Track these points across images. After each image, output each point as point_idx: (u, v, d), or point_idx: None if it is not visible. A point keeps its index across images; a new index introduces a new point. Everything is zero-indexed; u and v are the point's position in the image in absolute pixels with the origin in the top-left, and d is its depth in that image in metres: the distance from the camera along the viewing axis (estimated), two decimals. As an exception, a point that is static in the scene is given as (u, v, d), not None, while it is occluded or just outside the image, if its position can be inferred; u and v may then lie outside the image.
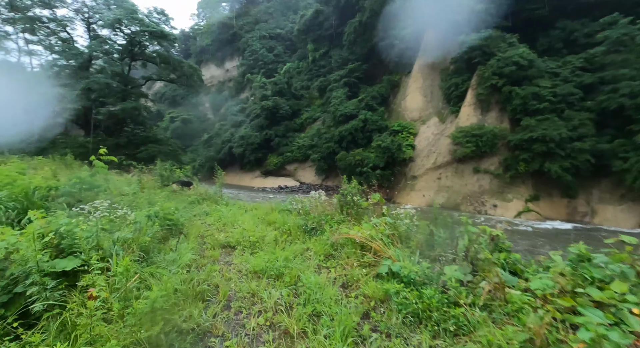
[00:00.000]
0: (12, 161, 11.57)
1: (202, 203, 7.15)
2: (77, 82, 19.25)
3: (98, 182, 5.98)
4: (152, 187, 7.92)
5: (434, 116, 33.04)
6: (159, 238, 3.78)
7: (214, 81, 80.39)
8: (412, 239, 3.23)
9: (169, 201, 5.96)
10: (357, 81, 42.46)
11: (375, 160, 31.72)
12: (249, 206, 7.04)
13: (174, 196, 7.10)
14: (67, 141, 19.27)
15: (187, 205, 6.67)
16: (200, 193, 7.69)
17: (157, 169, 9.35)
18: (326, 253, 3.75)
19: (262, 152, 47.09)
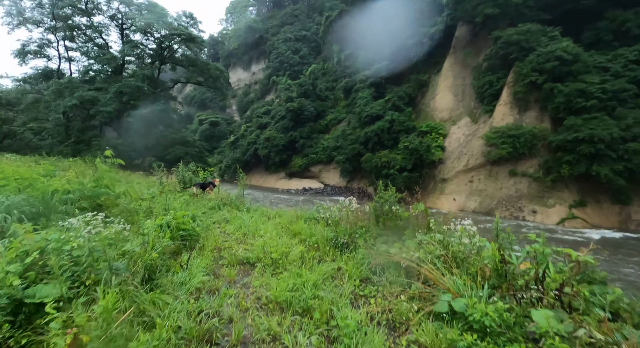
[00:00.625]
0: (43, 162, 11.85)
1: (223, 208, 6.73)
2: (110, 86, 19.84)
3: (117, 185, 5.71)
4: (173, 190, 7.69)
5: (466, 116, 31.46)
6: (170, 253, 3.37)
7: (241, 84, 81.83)
8: (472, 263, 2.56)
9: (188, 207, 5.62)
10: (383, 81, 41.38)
11: (402, 162, 30.62)
12: (272, 212, 6.56)
13: (194, 201, 6.78)
14: (100, 142, 19.86)
15: (207, 211, 6.35)
16: (221, 197, 7.32)
17: (179, 172, 9.16)
18: (362, 277, 3.15)
19: (287, 153, 47.07)
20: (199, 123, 76.49)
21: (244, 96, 77.12)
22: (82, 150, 20.56)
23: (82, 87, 20.12)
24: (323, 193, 39.28)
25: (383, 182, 23.66)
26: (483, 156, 26.36)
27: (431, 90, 36.54)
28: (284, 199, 32.92)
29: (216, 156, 67.95)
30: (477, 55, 31.67)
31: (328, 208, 5.35)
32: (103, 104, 18.90)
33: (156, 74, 23.01)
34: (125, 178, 9.98)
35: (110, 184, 5.19)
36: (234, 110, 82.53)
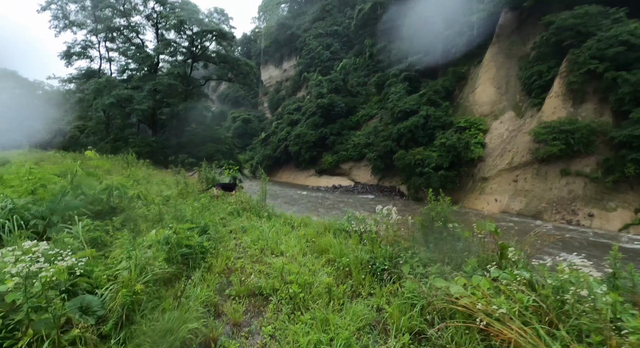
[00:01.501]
0: (78, 159, 11.98)
1: (242, 214, 6.13)
2: (144, 84, 20.25)
3: (131, 186, 5.29)
4: (194, 191, 7.27)
5: (509, 110, 29.04)
6: (167, 278, 2.81)
7: (272, 81, 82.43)
8: (590, 325, 1.66)
9: (203, 213, 5.09)
10: (418, 74, 39.49)
11: (438, 160, 28.89)
12: (296, 220, 5.82)
13: (214, 204, 6.27)
14: (135, 140, 20.34)
15: (226, 217, 5.83)
16: (242, 200, 6.73)
17: (202, 171, 8.76)
18: (413, 328, 2.26)
19: (317, 150, 46.52)
20: (232, 120, 78.15)
21: (275, 93, 77.60)
22: (121, 147, 21.15)
23: (119, 86, 20.71)
24: (353, 191, 38.31)
25: (417, 181, 22.60)
26: (530, 153, 24.11)
27: (470, 83, 34.22)
28: (313, 198, 32.42)
29: (248, 152, 69.04)
30: (524, 43, 29.06)
31: (362, 218, 4.55)
32: (138, 102, 19.29)
33: (188, 71, 23.22)
34: (152, 176, 9.78)
35: (123, 186, 4.75)
36: (265, 107, 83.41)
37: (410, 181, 30.69)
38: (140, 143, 20.04)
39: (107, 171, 8.88)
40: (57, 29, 21.84)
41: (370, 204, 28.70)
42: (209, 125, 25.40)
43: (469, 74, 35.39)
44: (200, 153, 21.19)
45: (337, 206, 27.25)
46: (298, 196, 33.11)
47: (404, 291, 2.55)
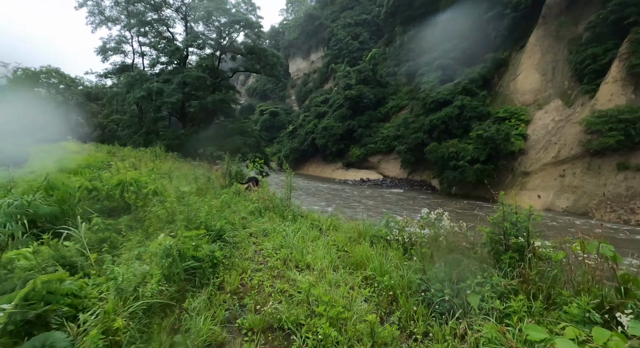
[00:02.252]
0: (109, 152, 12.10)
1: (265, 214, 5.55)
2: (174, 77, 20.42)
3: (150, 180, 4.92)
4: (217, 186, 6.89)
5: (556, 98, 26.61)
6: (162, 304, 2.26)
7: (300, 73, 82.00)
8: None
9: (222, 212, 4.64)
10: (452, 62, 37.30)
11: (474, 152, 27.16)
12: (324, 222, 5.16)
13: (234, 201, 5.83)
14: (166, 133, 20.63)
15: (247, 216, 5.35)
16: (265, 197, 6.20)
17: (225, 165, 8.37)
18: None
19: (345, 143, 45.66)
20: (259, 113, 78.82)
21: (303, 86, 77.13)
22: (153, 140, 21.52)
23: (150, 79, 21.03)
24: (382, 185, 37.22)
25: (450, 175, 21.04)
26: (580, 145, 21.97)
27: (511, 70, 31.75)
28: (341, 192, 31.76)
29: (275, 145, 69.44)
30: (575, 24, 26.37)
31: (403, 225, 3.86)
32: (167, 95, 19.47)
33: (216, 63, 23.17)
34: (177, 169, 9.55)
35: (137, 181, 4.38)
36: (293, 100, 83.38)
37: (443, 175, 29.19)
38: (170, 135, 20.29)
39: (132, 165, 8.74)
40: (94, 25, 22.55)
41: (401, 199, 27.63)
42: (236, 118, 25.32)
43: (509, 60, 32.87)
44: (228, 146, 21.10)
45: (366, 201, 26.45)
46: (325, 190, 32.62)
47: (480, 340, 1.86)
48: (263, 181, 7.97)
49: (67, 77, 30.05)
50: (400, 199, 27.56)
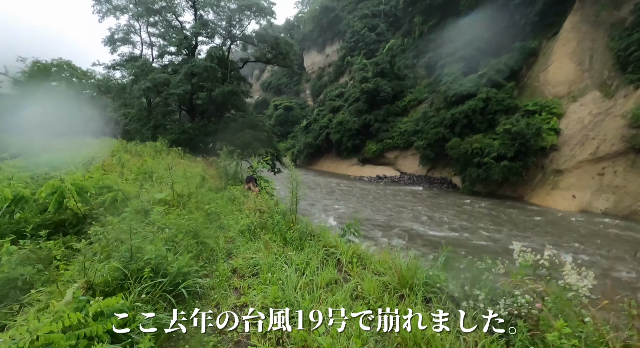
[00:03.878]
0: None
1: (260, 234, 4.01)
2: (181, 68, 19.52)
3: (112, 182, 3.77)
4: (213, 187, 5.76)
5: (594, 89, 24.31)
6: None
7: (315, 67, 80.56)
8: None
9: (201, 231, 3.42)
10: (476, 52, 35.02)
11: (501, 148, 25.24)
12: (345, 251, 3.53)
13: (226, 210, 4.62)
14: (173, 127, 19.79)
15: (236, 236, 4.05)
16: (264, 208, 4.90)
17: (221, 162, 7.18)
18: None
19: (360, 138, 44.10)
20: (274, 108, 78.07)
21: (318, 80, 75.69)
22: (161, 134, 20.74)
23: (157, 70, 20.20)
24: (399, 182, 35.61)
25: (474, 172, 18.85)
26: (623, 141, 19.87)
27: (542, 59, 29.41)
28: (357, 190, 30.37)
29: (289, 140, 68.48)
30: (616, 7, 23.91)
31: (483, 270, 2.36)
32: (174, 86, 18.56)
33: (226, 53, 22.10)
34: (175, 166, 8.49)
35: (82, 189, 3.25)
36: (307, 94, 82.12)
37: (466, 173, 27.37)
38: (177, 129, 19.42)
39: (118, 162, 7.71)
40: (100, 14, 21.84)
41: (421, 197, 26.03)
42: (247, 111, 24.26)
43: (540, 49, 30.49)
44: (237, 141, 20.09)
45: (387, 201, 24.99)
46: (340, 188, 31.31)
47: None
48: (269, 182, 6.71)
49: (78, 70, 29.70)
50: (422, 198, 25.96)
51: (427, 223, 17.54)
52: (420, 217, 19.05)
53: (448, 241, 14.41)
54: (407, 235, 15.16)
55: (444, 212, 20.47)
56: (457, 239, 14.64)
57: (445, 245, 3.04)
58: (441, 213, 20.07)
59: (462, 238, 14.74)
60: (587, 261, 11.31)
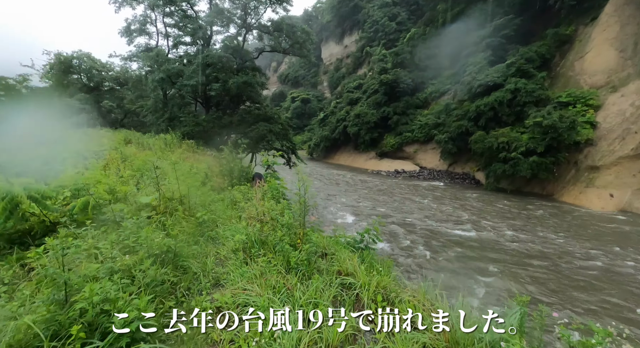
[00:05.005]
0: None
1: (258, 253, 3.16)
2: (195, 58, 19.06)
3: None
4: (216, 186, 5.14)
5: (638, 78, 22.23)
6: None
7: (333, 59, 79.12)
8: None
9: (185, 248, 2.74)
10: (505, 40, 32.99)
11: (530, 143, 23.65)
12: (364, 279, 2.72)
13: (225, 217, 3.90)
14: (187, 119, 19.45)
15: (230, 254, 3.19)
16: (266, 217, 3.94)
17: (224, 157, 6.49)
18: None
19: (378, 131, 42.82)
20: (291, 101, 77.51)
21: (335, 71, 74.31)
22: (175, 126, 20.50)
23: (170, 60, 19.84)
24: (418, 177, 34.35)
25: (499, 168, 17.25)
26: (672, 136, 18.04)
27: (578, 47, 27.26)
28: (375, 185, 29.46)
29: (306, 133, 67.86)
30: (667, -13, 21.62)
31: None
32: (187, 77, 18.13)
33: (241, 43, 21.49)
34: (182, 161, 7.99)
35: (40, 194, 2.66)
36: (325, 87, 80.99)
37: (491, 168, 25.90)
38: (191, 122, 19.05)
39: (121, 157, 7.23)
40: (117, 4, 21.59)
41: (442, 193, 24.86)
42: (262, 103, 23.67)
43: (575, 36, 28.27)
44: (251, 133, 19.55)
45: (406, 196, 24.02)
46: (358, 182, 30.47)
47: None
48: (280, 180, 6.01)
49: (97, 62, 29.97)
50: (443, 194, 24.79)
51: (451, 221, 16.53)
52: (442, 214, 18.04)
53: (479, 242, 13.40)
54: (429, 234, 14.25)
55: (468, 209, 19.33)
56: (487, 241, 13.62)
57: (519, 294, 2.23)
58: (465, 211, 18.95)
59: (492, 240, 13.69)
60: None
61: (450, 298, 8.24)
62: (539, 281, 9.76)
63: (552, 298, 8.61)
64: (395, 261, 11.19)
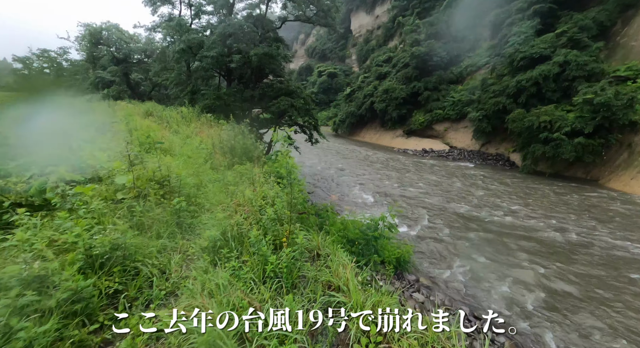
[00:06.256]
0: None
1: (226, 261, 2.42)
2: (216, 28, 18.38)
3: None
4: (217, 165, 4.65)
5: None
6: None
7: (362, 30, 75.38)
8: None
9: (143, 247, 2.17)
10: (556, 6, 29.42)
11: (577, 122, 21.41)
12: (354, 295, 1.98)
13: (216, 199, 3.28)
14: (207, 92, 19.11)
15: (200, 253, 2.58)
16: (247, 203, 3.27)
17: (225, 131, 5.90)
18: None
19: (407, 108, 40.75)
20: (317, 75, 75.56)
21: (365, 44, 70.89)
22: (197, 99, 20.31)
23: (192, 30, 19.28)
24: (447, 157, 32.66)
25: (539, 149, 15.48)
26: None
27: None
28: (402, 165, 28.33)
29: (332, 109, 66.35)
30: None
31: None
32: (207, 48, 17.56)
33: (264, 11, 20.45)
34: (193, 136, 7.59)
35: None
36: (353, 60, 77.95)
37: (529, 150, 23.93)
38: (212, 95, 18.67)
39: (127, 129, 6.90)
40: (140, -28, 21.08)
41: (474, 175, 23.42)
42: (286, 76, 22.85)
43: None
44: (272, 108, 18.96)
45: (434, 177, 22.86)
46: (382, 161, 29.42)
47: None
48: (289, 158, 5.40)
49: (125, 33, 30.06)
50: (474, 176, 23.34)
51: (481, 205, 15.46)
52: (471, 197, 16.92)
53: (511, 229, 12.37)
54: (456, 217, 13.36)
55: (500, 193, 18.01)
56: (522, 227, 12.56)
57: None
58: (497, 194, 17.67)
59: (527, 227, 12.60)
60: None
61: (475, 289, 7.42)
62: (580, 277, 8.80)
63: (590, 303, 7.70)
64: (417, 247, 10.54)
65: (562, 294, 8.01)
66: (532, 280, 8.64)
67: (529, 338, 6.40)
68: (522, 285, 8.40)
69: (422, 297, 8.28)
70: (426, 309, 7.82)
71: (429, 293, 8.57)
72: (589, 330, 6.60)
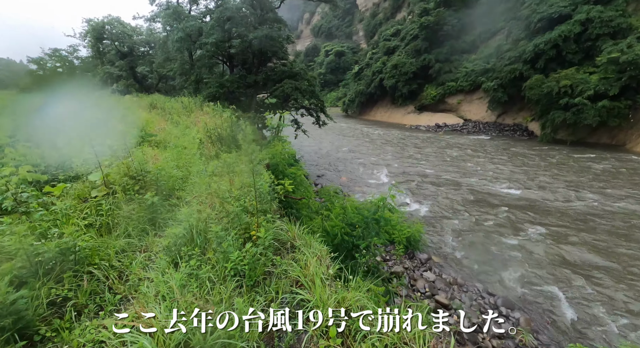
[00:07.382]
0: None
1: (186, 260, 2.16)
2: (213, 13, 17.88)
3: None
4: (206, 154, 4.45)
5: None
6: None
7: (369, 3, 72.41)
8: None
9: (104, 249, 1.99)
10: (576, -42, 27.00)
11: (601, 85, 20.02)
12: (318, 291, 1.79)
13: (197, 191, 3.03)
14: (210, 80, 18.84)
15: (162, 251, 2.39)
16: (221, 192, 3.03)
17: (212, 118, 5.59)
18: None
19: (418, 82, 39.29)
20: (324, 54, 73.74)
21: (372, 18, 68.21)
22: (201, 89, 20.15)
23: (190, 17, 18.86)
24: (462, 131, 31.56)
25: (559, 116, 14.49)
26: None
27: (679, -44, 21.49)
28: (414, 143, 27.58)
29: (341, 89, 64.99)
30: None
31: None
32: (206, 34, 17.15)
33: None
34: (192, 126, 7.42)
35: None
36: (360, 37, 75.43)
37: (548, 117, 22.72)
38: (215, 83, 18.40)
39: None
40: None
41: (490, 147, 22.51)
42: (289, 59, 22.24)
43: (676, -59, 22.20)
44: (276, 92, 18.57)
45: (447, 152, 22.14)
46: (394, 139, 28.72)
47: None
48: (285, 143, 5.13)
49: (127, 26, 29.87)
50: (490, 148, 22.43)
51: (498, 178, 14.86)
52: (487, 171, 16.28)
53: (530, 202, 11.85)
54: (470, 192, 12.90)
55: (519, 165, 17.23)
56: (541, 200, 12.01)
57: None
58: (516, 166, 16.92)
59: (547, 199, 12.02)
60: None
61: (483, 274, 7.07)
62: (604, 252, 8.34)
63: (620, 282, 7.30)
64: (428, 225, 10.26)
65: (584, 266, 7.63)
66: (545, 256, 8.26)
67: (542, 314, 6.14)
68: (533, 260, 8.06)
69: (433, 276, 8.09)
70: (437, 288, 7.66)
71: (440, 271, 8.38)
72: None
